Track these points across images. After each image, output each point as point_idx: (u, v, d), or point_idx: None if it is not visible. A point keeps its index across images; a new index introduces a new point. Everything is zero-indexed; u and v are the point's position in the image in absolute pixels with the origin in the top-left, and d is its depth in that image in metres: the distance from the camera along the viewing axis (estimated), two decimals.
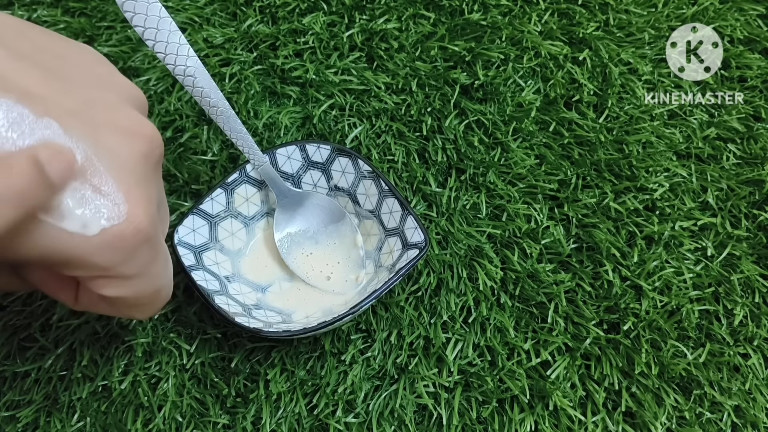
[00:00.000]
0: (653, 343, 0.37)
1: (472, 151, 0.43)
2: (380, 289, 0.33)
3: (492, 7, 0.49)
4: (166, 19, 0.31)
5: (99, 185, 0.23)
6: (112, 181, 0.23)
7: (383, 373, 0.36)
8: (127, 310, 0.27)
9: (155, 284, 0.27)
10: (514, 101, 0.45)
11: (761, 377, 0.37)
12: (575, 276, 0.39)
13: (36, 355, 0.36)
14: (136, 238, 0.24)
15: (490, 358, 0.36)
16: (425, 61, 0.46)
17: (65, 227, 0.22)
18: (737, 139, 0.45)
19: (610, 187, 0.42)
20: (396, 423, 0.35)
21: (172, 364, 0.36)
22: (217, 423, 0.34)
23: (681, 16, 0.50)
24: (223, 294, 0.35)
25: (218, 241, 0.37)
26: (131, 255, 0.24)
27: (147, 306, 0.28)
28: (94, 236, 0.23)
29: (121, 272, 0.24)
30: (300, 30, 0.47)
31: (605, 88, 0.46)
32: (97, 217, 0.23)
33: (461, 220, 0.40)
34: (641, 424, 0.35)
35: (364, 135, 0.43)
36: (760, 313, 0.38)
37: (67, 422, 0.34)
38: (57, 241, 0.22)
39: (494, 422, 0.35)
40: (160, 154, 0.26)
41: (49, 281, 0.26)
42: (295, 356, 0.36)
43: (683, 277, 0.39)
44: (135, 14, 0.31)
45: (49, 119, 0.22)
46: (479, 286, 0.38)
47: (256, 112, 0.44)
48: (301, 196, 0.39)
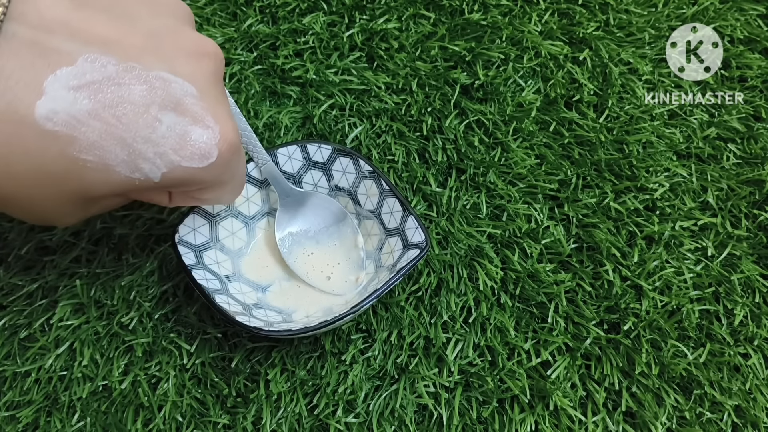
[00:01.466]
0: (653, 343, 0.37)
1: (472, 151, 0.43)
2: (381, 289, 0.33)
3: (492, 7, 0.49)
4: None
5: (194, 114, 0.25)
6: (200, 107, 0.25)
7: (383, 373, 0.36)
8: (216, 201, 0.31)
9: (242, 180, 0.32)
10: (515, 101, 0.45)
11: (761, 377, 0.37)
12: (575, 276, 0.39)
13: (36, 355, 0.36)
14: (230, 152, 0.27)
15: (490, 358, 0.36)
16: (425, 61, 0.46)
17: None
18: (737, 139, 0.45)
19: (610, 187, 0.42)
20: (396, 423, 0.35)
21: (172, 364, 0.36)
22: (218, 423, 0.34)
23: (681, 16, 0.50)
24: (224, 293, 0.35)
25: (219, 241, 0.37)
26: (227, 166, 0.27)
27: (234, 196, 0.32)
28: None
29: (220, 180, 0.28)
30: (300, 30, 0.47)
31: (605, 88, 0.46)
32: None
33: (461, 220, 0.40)
34: (641, 424, 0.35)
35: (364, 135, 0.43)
36: (761, 313, 0.38)
37: (67, 422, 0.34)
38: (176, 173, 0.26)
39: (494, 422, 0.35)
40: (223, 66, 0.29)
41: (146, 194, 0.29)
42: (295, 356, 0.36)
43: (683, 277, 0.39)
44: None
45: (131, 63, 0.24)
46: (479, 286, 0.38)
47: (257, 111, 0.44)
48: (304, 196, 0.39)
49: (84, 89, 0.23)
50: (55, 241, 0.39)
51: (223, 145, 0.26)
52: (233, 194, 0.32)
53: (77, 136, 0.23)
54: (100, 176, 0.24)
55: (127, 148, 0.24)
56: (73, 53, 0.23)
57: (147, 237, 0.39)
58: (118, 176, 0.24)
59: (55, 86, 0.22)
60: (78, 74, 0.23)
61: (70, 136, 0.23)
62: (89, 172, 0.24)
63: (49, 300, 0.37)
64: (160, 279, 0.38)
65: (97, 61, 0.23)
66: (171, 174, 0.25)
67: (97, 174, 0.24)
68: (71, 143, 0.23)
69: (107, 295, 0.37)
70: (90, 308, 0.37)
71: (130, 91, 0.24)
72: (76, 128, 0.23)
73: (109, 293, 0.37)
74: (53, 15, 0.23)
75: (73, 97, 0.22)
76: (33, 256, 0.38)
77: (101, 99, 0.23)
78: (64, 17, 0.23)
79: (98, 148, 0.23)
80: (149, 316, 0.37)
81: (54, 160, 0.23)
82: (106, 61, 0.23)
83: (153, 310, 0.37)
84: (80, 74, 0.23)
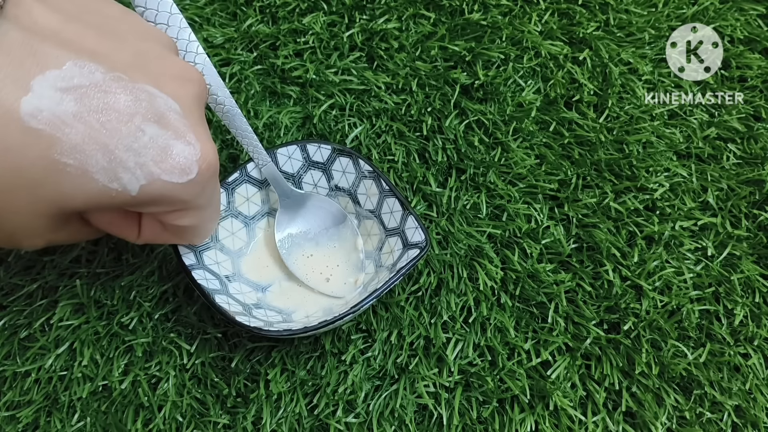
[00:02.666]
0: (653, 343, 0.37)
1: (472, 151, 0.43)
2: (381, 289, 0.33)
3: (492, 7, 0.49)
4: (176, 16, 0.32)
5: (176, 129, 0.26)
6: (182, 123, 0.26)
7: (383, 373, 0.36)
8: (191, 238, 0.31)
9: (218, 210, 0.31)
10: (515, 101, 0.45)
11: (761, 377, 0.37)
12: (575, 276, 0.39)
13: (36, 355, 0.36)
14: (210, 172, 0.27)
15: (490, 358, 0.36)
16: (425, 61, 0.46)
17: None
18: (737, 139, 0.45)
19: (610, 187, 0.42)
20: (396, 423, 0.35)
21: (172, 364, 0.36)
22: (218, 423, 0.34)
23: (681, 16, 0.50)
24: (224, 293, 0.35)
25: (218, 241, 0.37)
26: (206, 187, 0.27)
27: (206, 231, 0.32)
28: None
29: (197, 204, 0.28)
30: (300, 30, 0.47)
31: (605, 88, 0.46)
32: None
33: (461, 220, 0.40)
34: (641, 424, 0.35)
35: (364, 135, 0.43)
36: (761, 313, 0.38)
37: (67, 422, 0.34)
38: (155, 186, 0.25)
39: (494, 422, 0.35)
40: (206, 96, 0.29)
41: (116, 222, 0.29)
42: (295, 356, 0.36)
43: (683, 277, 0.39)
44: (146, 9, 0.31)
45: (118, 73, 0.24)
46: (479, 286, 0.38)
47: (257, 111, 0.44)
48: (304, 198, 0.39)
49: (71, 92, 0.23)
50: None
51: (203, 164, 0.26)
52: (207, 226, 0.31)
53: (60, 137, 0.23)
54: (77, 183, 0.24)
55: (108, 154, 0.24)
56: (62, 57, 0.23)
57: None
58: (96, 185, 0.24)
59: (42, 85, 0.22)
60: (66, 77, 0.23)
61: (53, 136, 0.23)
62: (67, 178, 0.23)
63: (49, 300, 0.37)
64: (160, 279, 0.38)
65: (86, 67, 0.23)
66: (149, 188, 0.25)
67: (74, 180, 0.24)
68: (53, 145, 0.23)
69: (107, 295, 0.37)
70: (90, 308, 0.37)
71: (115, 99, 0.24)
72: (59, 129, 0.23)
73: (109, 293, 0.37)
74: (46, 23, 0.23)
75: (59, 97, 0.23)
76: (33, 256, 0.38)
77: (87, 103, 0.23)
78: (56, 27, 0.24)
79: (79, 152, 0.23)
80: (149, 316, 0.37)
81: (33, 161, 0.23)
82: (94, 68, 0.24)
83: (153, 310, 0.37)
84: (68, 77, 0.23)
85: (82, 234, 0.29)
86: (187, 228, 0.29)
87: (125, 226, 0.29)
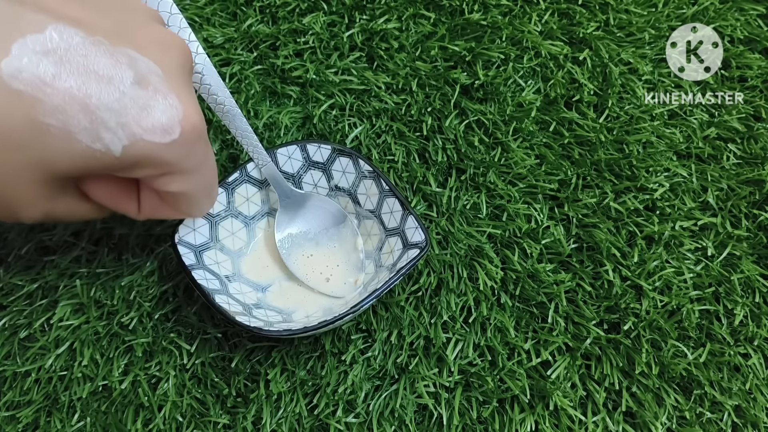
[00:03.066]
0: (653, 343, 0.37)
1: (472, 151, 0.43)
2: (381, 289, 0.33)
3: (492, 7, 0.49)
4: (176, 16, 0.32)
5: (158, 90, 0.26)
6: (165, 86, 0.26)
7: (383, 373, 0.36)
8: (187, 208, 0.31)
9: (211, 177, 0.31)
10: (515, 101, 0.45)
11: (761, 377, 0.37)
12: (575, 276, 0.39)
13: (36, 355, 0.36)
14: (194, 134, 0.27)
15: (490, 358, 0.36)
16: (425, 61, 0.46)
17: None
18: (737, 139, 0.45)
19: (610, 187, 0.42)
20: (396, 423, 0.35)
21: (172, 364, 0.36)
22: (218, 423, 0.34)
23: (681, 16, 0.50)
24: (224, 293, 0.35)
25: (218, 241, 0.37)
26: (191, 150, 0.27)
27: (204, 201, 0.31)
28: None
29: (184, 167, 0.28)
30: (300, 30, 0.47)
31: (605, 88, 0.46)
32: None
33: (461, 220, 0.40)
34: (641, 424, 0.35)
35: (364, 135, 0.43)
36: (761, 313, 0.38)
37: (67, 422, 0.34)
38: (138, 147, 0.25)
39: (494, 422, 0.35)
40: (192, 64, 0.29)
41: (115, 195, 0.29)
42: (295, 356, 0.36)
43: (683, 277, 0.39)
44: None
45: (99, 37, 0.25)
46: (479, 286, 0.38)
47: (257, 111, 0.44)
48: (304, 198, 0.39)
49: (50, 54, 0.23)
50: (55, 241, 0.39)
51: (187, 125, 0.26)
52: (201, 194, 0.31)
53: (42, 98, 0.23)
54: (61, 144, 0.24)
55: (89, 114, 0.24)
56: (43, 22, 0.24)
57: (147, 237, 0.39)
58: (80, 145, 0.24)
59: (22, 49, 0.23)
60: (45, 41, 0.23)
61: (35, 97, 0.23)
62: (52, 140, 0.24)
63: (49, 300, 0.37)
64: (160, 279, 0.38)
65: (65, 32, 0.24)
66: (132, 148, 0.25)
67: (59, 142, 0.24)
68: (35, 105, 0.23)
69: (107, 295, 0.37)
70: (90, 308, 0.37)
71: (96, 60, 0.24)
72: (40, 89, 0.23)
73: (109, 293, 0.37)
74: None
75: (39, 59, 0.23)
76: (33, 256, 0.38)
77: (67, 65, 0.24)
78: None
79: (61, 112, 0.24)
80: (149, 316, 0.37)
81: (18, 122, 0.23)
82: (74, 32, 0.24)
83: (153, 310, 0.37)
84: (47, 41, 0.23)
85: (83, 210, 0.29)
86: (180, 195, 0.29)
87: (125, 200, 0.29)
